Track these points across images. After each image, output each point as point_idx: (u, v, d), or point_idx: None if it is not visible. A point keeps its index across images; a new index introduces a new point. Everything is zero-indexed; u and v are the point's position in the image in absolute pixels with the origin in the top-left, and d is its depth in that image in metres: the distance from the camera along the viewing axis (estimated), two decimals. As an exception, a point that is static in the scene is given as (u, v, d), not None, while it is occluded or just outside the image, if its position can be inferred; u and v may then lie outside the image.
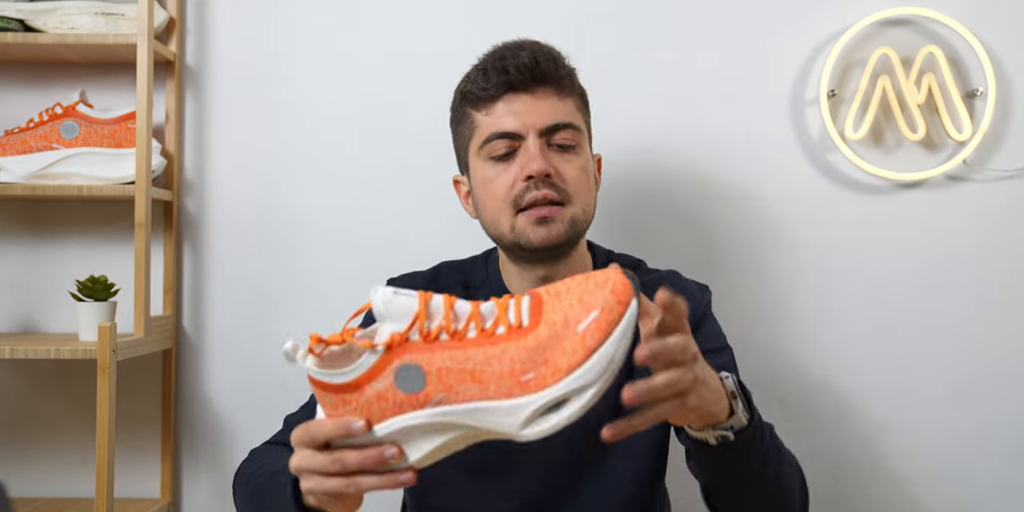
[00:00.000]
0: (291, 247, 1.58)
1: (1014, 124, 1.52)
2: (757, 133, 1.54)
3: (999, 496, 1.52)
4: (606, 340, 0.68)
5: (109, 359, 1.31)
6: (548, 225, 1.05)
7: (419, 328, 0.71)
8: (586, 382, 0.67)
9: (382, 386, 0.71)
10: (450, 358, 0.70)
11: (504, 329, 0.70)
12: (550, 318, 0.70)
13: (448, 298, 0.72)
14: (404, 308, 0.71)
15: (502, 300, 0.73)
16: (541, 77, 1.06)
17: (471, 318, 0.71)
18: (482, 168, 1.09)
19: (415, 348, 0.71)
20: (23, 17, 1.47)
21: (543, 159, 1.05)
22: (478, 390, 0.69)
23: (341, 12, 1.58)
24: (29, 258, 1.59)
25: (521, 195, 1.05)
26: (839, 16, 1.52)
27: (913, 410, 1.53)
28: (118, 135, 1.49)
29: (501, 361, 0.69)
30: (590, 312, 0.68)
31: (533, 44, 1.09)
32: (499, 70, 1.06)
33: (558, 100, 1.08)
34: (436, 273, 1.20)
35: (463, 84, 1.11)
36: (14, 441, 1.59)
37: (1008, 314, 1.52)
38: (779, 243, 1.54)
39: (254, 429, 1.55)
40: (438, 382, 0.70)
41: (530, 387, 0.68)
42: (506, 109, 1.07)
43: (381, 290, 0.72)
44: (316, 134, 1.58)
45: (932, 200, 1.53)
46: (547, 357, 0.68)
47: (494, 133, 1.06)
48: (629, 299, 0.69)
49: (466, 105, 1.10)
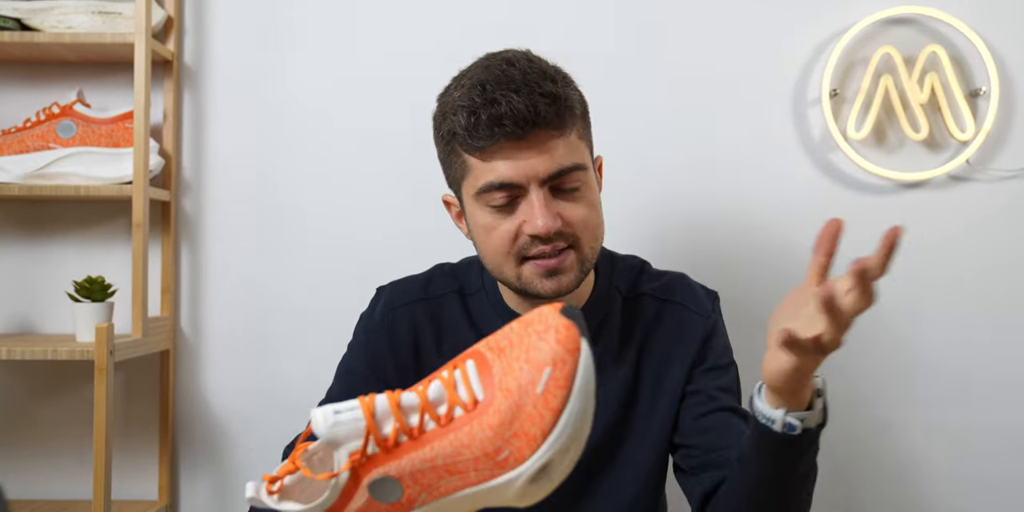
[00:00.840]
0: (289, 247, 1.59)
1: (1017, 124, 1.54)
2: (759, 133, 1.56)
3: (1000, 496, 1.53)
4: (569, 396, 0.65)
5: (106, 360, 1.31)
6: (558, 277, 1.00)
7: (375, 440, 0.67)
8: (564, 443, 0.65)
9: (361, 503, 0.68)
10: (418, 459, 0.67)
11: (461, 410, 0.67)
12: (503, 384, 0.66)
13: (392, 396, 0.69)
14: (352, 425, 0.67)
15: (447, 376, 0.69)
16: (541, 123, 0.97)
17: (423, 410, 0.68)
18: (480, 214, 1.02)
19: (379, 460, 0.67)
20: (20, 16, 1.47)
21: (548, 215, 0.97)
22: (459, 480, 0.67)
23: (339, 12, 1.59)
24: (26, 258, 1.60)
25: (526, 247, 1.00)
26: (841, 15, 1.54)
27: (914, 410, 1.54)
28: (115, 135, 1.49)
29: (471, 447, 0.66)
30: (542, 370, 0.65)
31: (526, 77, 0.98)
32: (493, 119, 0.96)
33: (560, 140, 0.99)
34: (430, 278, 1.17)
35: (449, 122, 1.00)
36: (11, 443, 1.59)
37: (1010, 313, 1.54)
38: (781, 243, 1.55)
39: (252, 430, 1.58)
40: (415, 485, 0.67)
41: (509, 464, 0.66)
42: (503, 160, 0.98)
43: (319, 413, 0.68)
44: (314, 134, 1.59)
45: (935, 200, 1.54)
46: (516, 430, 0.66)
47: (491, 183, 0.98)
48: (577, 345, 0.65)
49: (455, 144, 1.01)
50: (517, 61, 1.00)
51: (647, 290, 1.14)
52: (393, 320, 1.12)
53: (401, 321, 1.12)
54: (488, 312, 1.12)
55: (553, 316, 0.67)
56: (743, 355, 1.15)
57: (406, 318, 1.12)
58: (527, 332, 0.67)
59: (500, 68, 0.99)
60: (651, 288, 1.14)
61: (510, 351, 0.67)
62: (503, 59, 1.01)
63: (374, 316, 1.14)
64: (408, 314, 1.12)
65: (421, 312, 1.13)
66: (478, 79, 0.99)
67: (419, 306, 1.13)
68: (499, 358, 0.68)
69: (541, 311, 0.68)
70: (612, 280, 1.13)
